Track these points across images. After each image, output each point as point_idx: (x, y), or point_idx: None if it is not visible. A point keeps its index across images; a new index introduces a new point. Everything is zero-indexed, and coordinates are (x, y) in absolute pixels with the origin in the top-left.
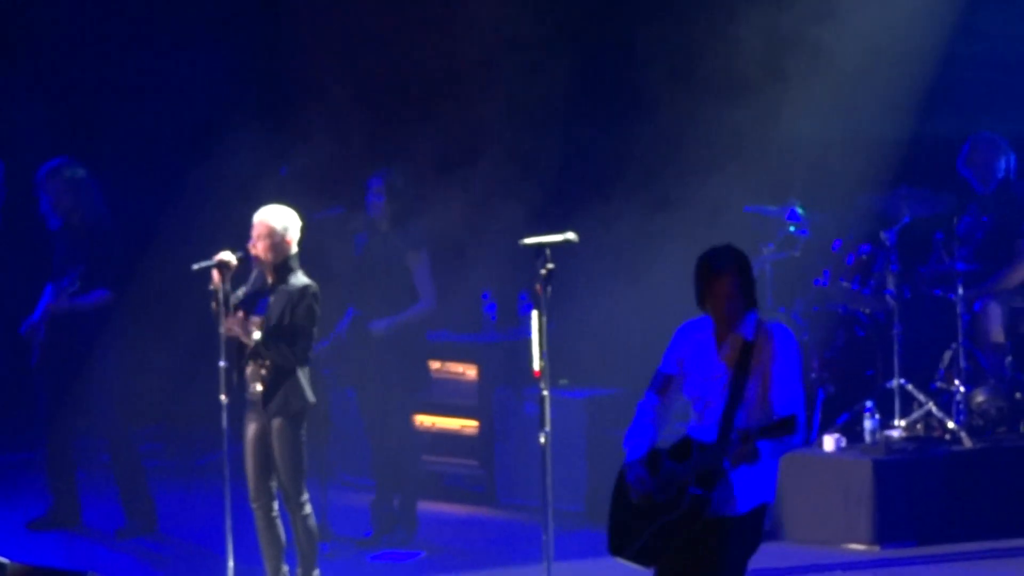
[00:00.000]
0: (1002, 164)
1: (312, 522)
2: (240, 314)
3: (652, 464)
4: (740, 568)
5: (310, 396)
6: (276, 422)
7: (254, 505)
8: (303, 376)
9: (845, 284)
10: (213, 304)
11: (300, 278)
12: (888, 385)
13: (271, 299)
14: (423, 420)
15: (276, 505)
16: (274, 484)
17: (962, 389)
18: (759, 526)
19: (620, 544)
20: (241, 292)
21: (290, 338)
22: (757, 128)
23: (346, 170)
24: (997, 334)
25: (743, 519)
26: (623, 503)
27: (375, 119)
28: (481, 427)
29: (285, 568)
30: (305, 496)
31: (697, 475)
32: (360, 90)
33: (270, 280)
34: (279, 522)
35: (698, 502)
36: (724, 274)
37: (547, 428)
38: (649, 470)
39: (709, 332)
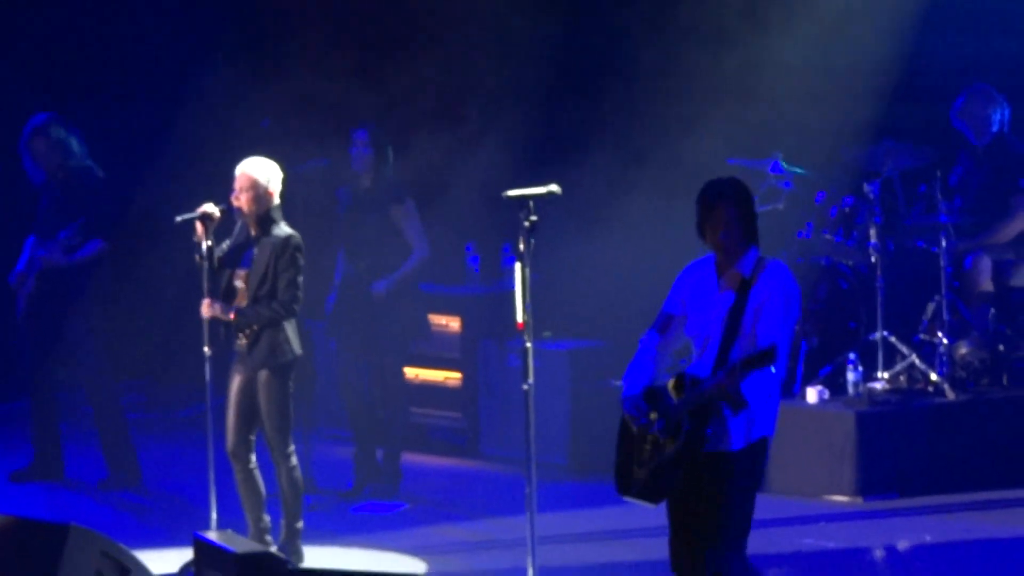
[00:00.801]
0: (996, 117)
1: (297, 474)
2: (207, 300)
3: (651, 400)
4: (745, 501)
5: (297, 348)
6: (262, 374)
7: (231, 457)
8: (290, 328)
9: (828, 236)
10: (196, 256)
11: (283, 229)
12: (871, 337)
13: (255, 251)
14: (407, 372)
15: (254, 458)
16: (253, 437)
17: (945, 341)
18: (759, 460)
19: (626, 484)
20: (225, 245)
21: (271, 292)
22: (741, 79)
23: (328, 121)
24: (987, 285)
25: (740, 454)
26: (626, 445)
27: (356, 71)
28: (464, 379)
29: (266, 519)
30: (291, 448)
31: (690, 411)
32: (342, 39)
33: (253, 232)
34: (258, 474)
35: (692, 438)
36: (721, 204)
37: (530, 380)
38: (648, 405)
39: (711, 269)
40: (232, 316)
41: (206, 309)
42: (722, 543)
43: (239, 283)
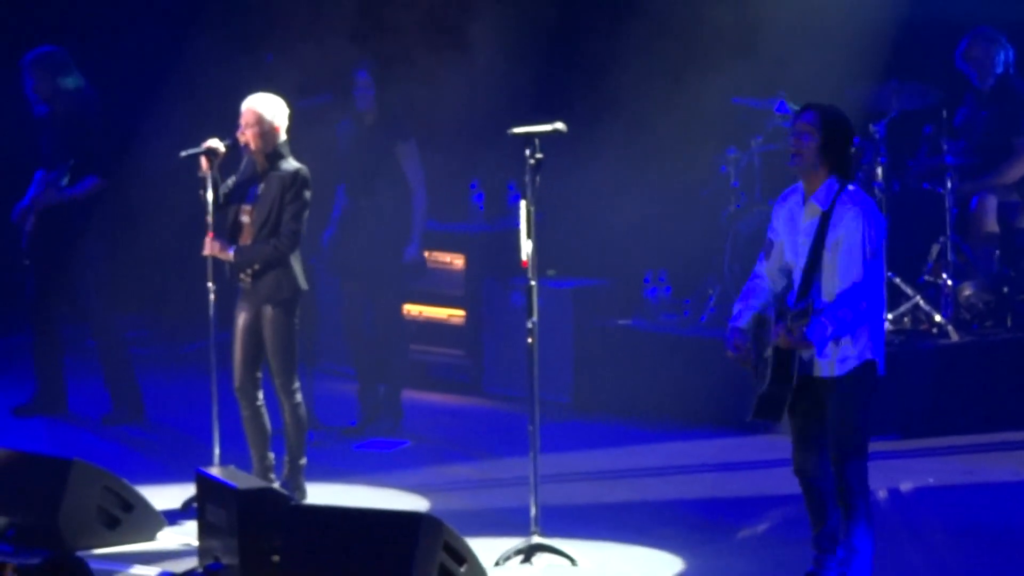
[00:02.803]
0: (1001, 59)
1: (302, 411)
2: (209, 238)
3: (759, 328)
4: (853, 416)
5: (302, 283)
6: (267, 309)
7: (238, 394)
8: (296, 263)
9: None
10: (201, 191)
11: (291, 163)
12: None
13: (261, 187)
14: (410, 309)
15: (261, 395)
16: (260, 374)
17: (950, 283)
18: (863, 381)
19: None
20: (231, 182)
21: (275, 227)
22: (747, 18)
23: (331, 55)
24: (992, 226)
25: (840, 379)
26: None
27: (359, 4)
28: (468, 317)
29: (271, 456)
30: (296, 384)
31: (774, 351)
32: None
33: (260, 167)
34: (264, 411)
35: (778, 375)
36: (801, 120)
37: (534, 318)
38: (755, 335)
39: (800, 196)
40: (232, 254)
41: (207, 247)
42: (841, 451)
43: (245, 218)
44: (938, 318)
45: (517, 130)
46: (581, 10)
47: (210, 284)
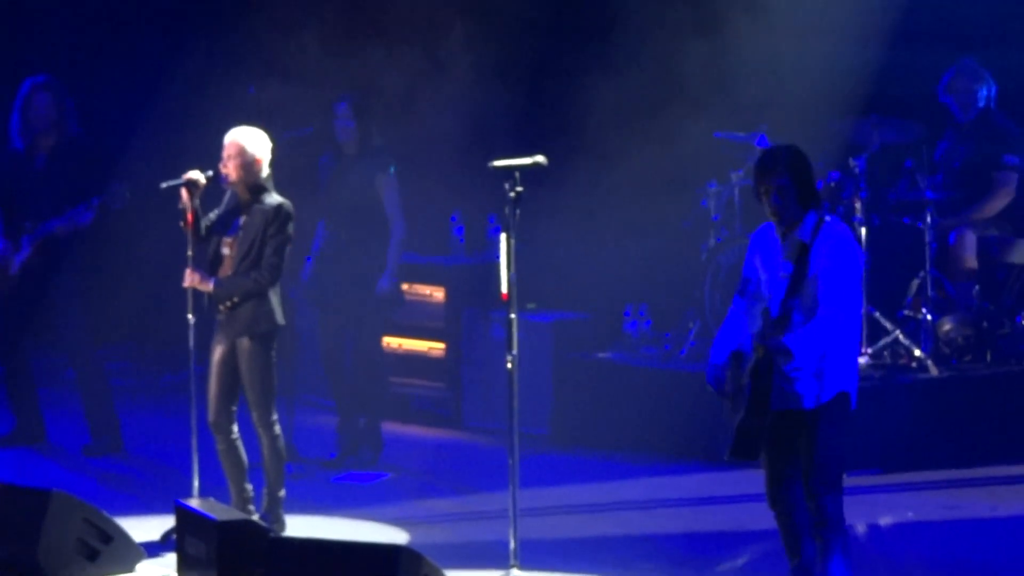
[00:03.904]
0: (983, 93)
1: (281, 443)
2: (189, 269)
3: (737, 364)
4: (832, 448)
5: (279, 318)
6: (243, 342)
7: (213, 429)
8: (274, 297)
9: None
10: (182, 223)
11: (274, 197)
12: None
13: (244, 219)
14: (390, 341)
15: (236, 428)
16: (235, 408)
17: (929, 317)
18: (838, 412)
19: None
20: (213, 215)
21: (257, 260)
22: (728, 54)
23: (313, 87)
24: (971, 261)
25: (816, 411)
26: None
27: (341, 37)
28: (448, 349)
29: (249, 488)
30: (274, 417)
31: (751, 378)
32: (326, 5)
33: (243, 200)
34: (240, 444)
35: (754, 404)
36: (773, 171)
37: (514, 351)
38: (733, 371)
39: (774, 235)
40: (212, 286)
41: (187, 278)
42: (817, 484)
43: (226, 250)
44: (918, 353)
45: (498, 163)
46: (562, 44)
47: (190, 316)
